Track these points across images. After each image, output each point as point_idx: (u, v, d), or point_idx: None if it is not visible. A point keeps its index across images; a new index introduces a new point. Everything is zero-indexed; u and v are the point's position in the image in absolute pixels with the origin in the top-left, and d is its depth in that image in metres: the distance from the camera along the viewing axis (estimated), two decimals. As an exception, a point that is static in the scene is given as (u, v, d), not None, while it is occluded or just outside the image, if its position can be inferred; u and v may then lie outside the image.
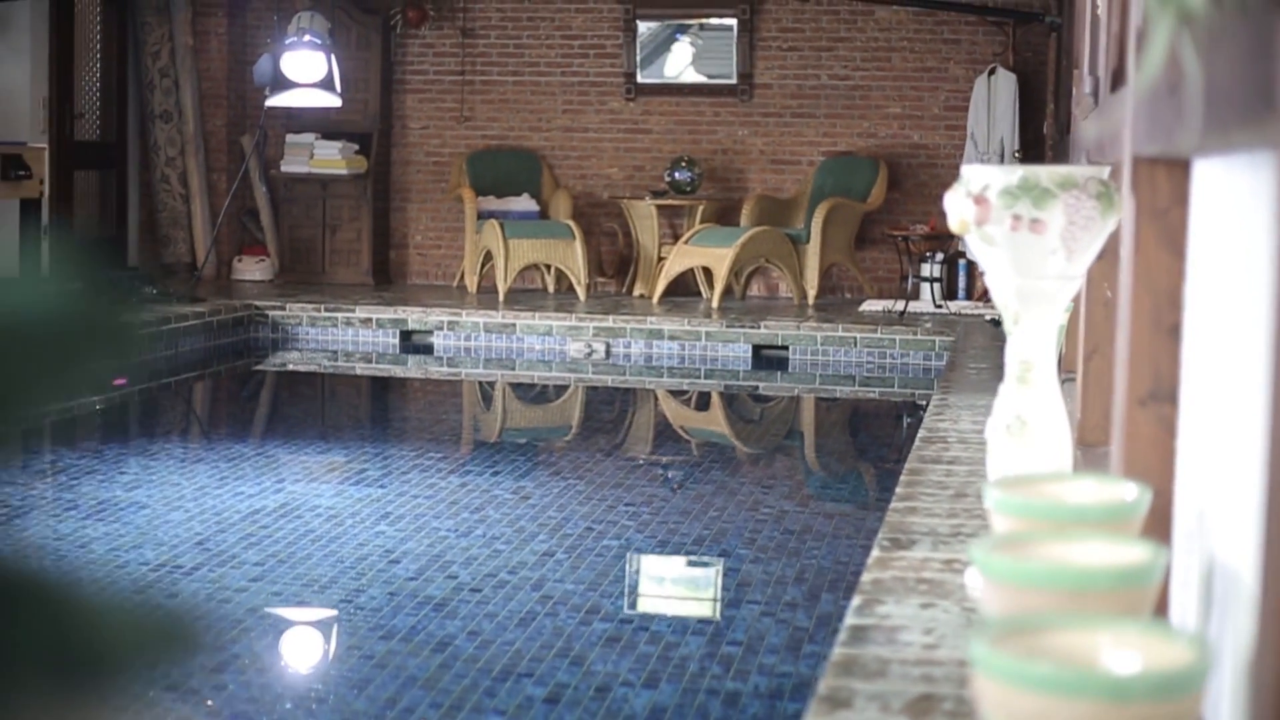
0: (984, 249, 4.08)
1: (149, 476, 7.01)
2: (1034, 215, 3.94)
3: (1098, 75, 4.73)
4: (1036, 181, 3.94)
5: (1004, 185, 3.96)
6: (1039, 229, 3.96)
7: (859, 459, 8.30)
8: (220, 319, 11.59)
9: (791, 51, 13.78)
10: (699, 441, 8.90)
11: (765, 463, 7.87)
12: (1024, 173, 3.95)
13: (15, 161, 11.49)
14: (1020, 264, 4.04)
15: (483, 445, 8.12)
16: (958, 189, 4.06)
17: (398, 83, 14.43)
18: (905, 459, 7.68)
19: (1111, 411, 5.56)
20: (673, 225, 13.66)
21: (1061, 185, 3.94)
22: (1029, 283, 4.07)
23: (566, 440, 8.47)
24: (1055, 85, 11.84)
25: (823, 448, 9.05)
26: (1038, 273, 4.04)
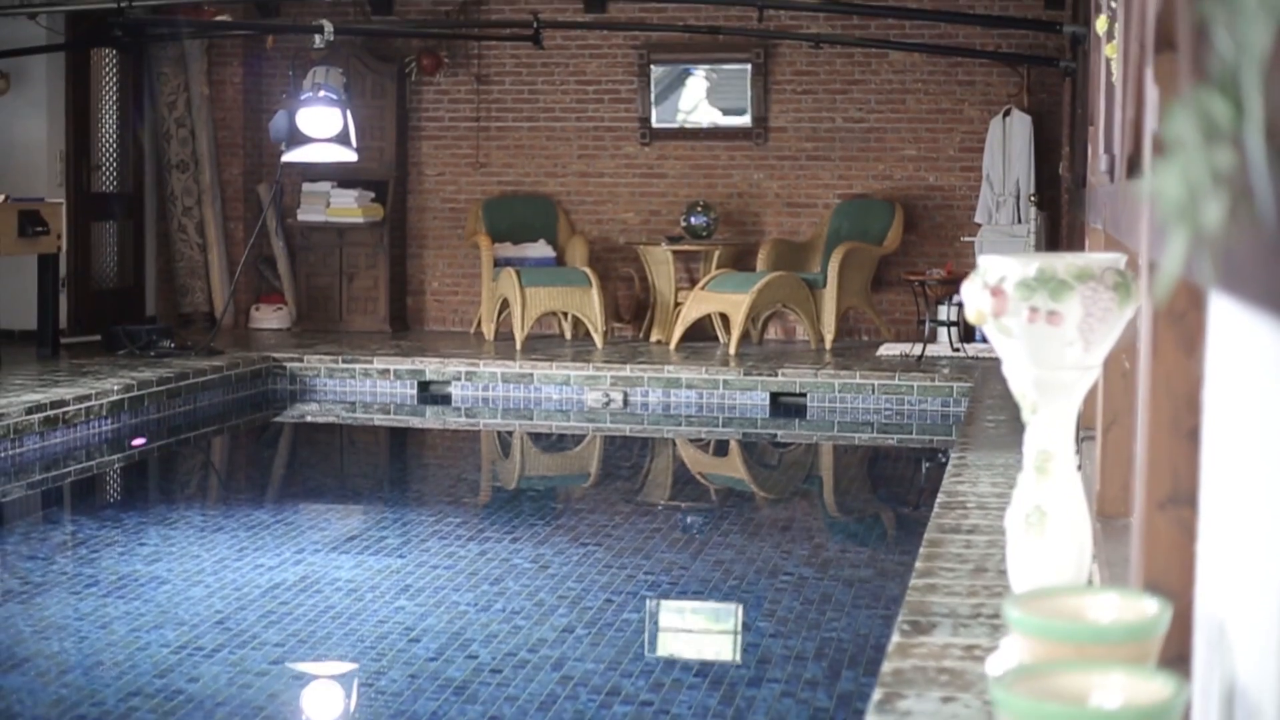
0: (1001, 340, 4.07)
1: (169, 548, 7.01)
2: (1051, 307, 3.93)
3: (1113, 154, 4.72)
4: (1053, 273, 3.93)
5: (1020, 277, 3.95)
6: (1056, 321, 3.95)
7: (878, 519, 8.28)
8: (238, 372, 11.60)
9: (806, 94, 13.80)
10: (717, 499, 8.89)
11: (783, 524, 7.85)
12: (1040, 264, 3.93)
13: (33, 217, 11.53)
14: (1037, 355, 4.02)
15: (501, 507, 8.11)
16: (974, 280, 4.05)
17: (413, 130, 14.46)
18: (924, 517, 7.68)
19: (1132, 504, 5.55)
20: (689, 269, 13.67)
21: (1078, 277, 3.92)
22: (1046, 374, 4.06)
23: (584, 500, 8.46)
24: (1070, 128, 11.83)
25: (841, 504, 9.04)
26: (1055, 364, 4.03)
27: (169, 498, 8.64)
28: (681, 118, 14.10)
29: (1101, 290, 3.93)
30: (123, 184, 14.26)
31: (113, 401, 10.03)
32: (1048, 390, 4.10)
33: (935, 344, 12.44)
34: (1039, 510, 4.12)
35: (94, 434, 9.81)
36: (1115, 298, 3.95)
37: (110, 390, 10.05)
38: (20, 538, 7.33)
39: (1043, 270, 3.94)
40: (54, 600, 6.14)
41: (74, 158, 13.36)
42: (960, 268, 12.94)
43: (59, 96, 13.23)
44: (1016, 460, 7.30)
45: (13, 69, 12.86)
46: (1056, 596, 3.20)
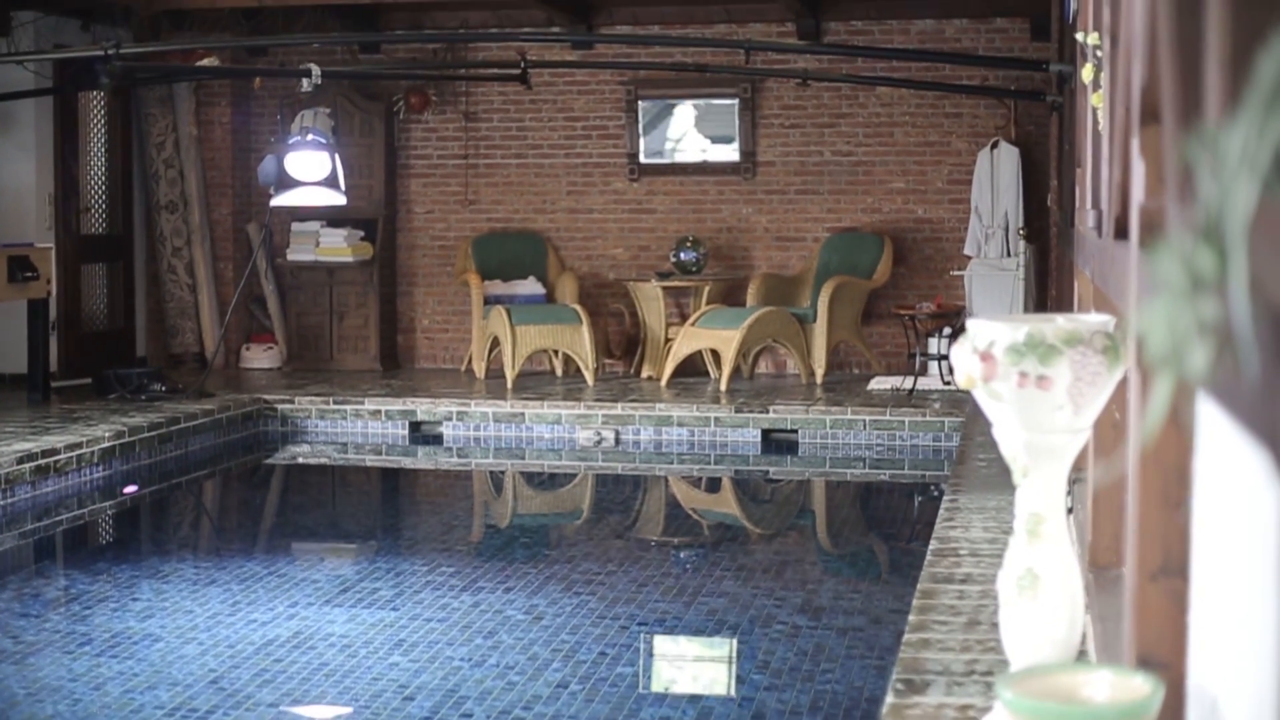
0: (991, 404, 4.07)
1: (162, 603, 7.00)
2: (1040, 372, 3.94)
3: (1100, 210, 4.73)
4: (1042, 338, 3.94)
5: (1010, 342, 3.96)
6: (1046, 385, 3.95)
7: (871, 561, 8.28)
8: (229, 415, 11.60)
9: (794, 128, 13.82)
10: (709, 543, 8.88)
11: (776, 568, 7.84)
12: (1029, 329, 3.94)
13: (22, 263, 11.53)
14: (1027, 420, 4.03)
15: (494, 554, 8.10)
16: (963, 344, 4.06)
17: (402, 168, 14.48)
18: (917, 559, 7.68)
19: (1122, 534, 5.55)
20: (679, 305, 13.69)
21: (1067, 342, 3.93)
22: (1037, 437, 4.06)
23: (577, 546, 8.45)
24: (1058, 161, 11.85)
25: (834, 547, 9.04)
26: (1045, 428, 4.04)
27: (161, 548, 8.63)
28: (670, 146, 14.12)
29: (1091, 354, 3.94)
30: (112, 225, 14.27)
31: (104, 449, 10.02)
32: (1038, 454, 4.10)
33: (926, 377, 12.45)
34: (1031, 574, 4.13)
35: (86, 482, 9.80)
36: (1105, 361, 3.96)
37: (102, 437, 10.04)
38: (13, 594, 7.32)
39: (1032, 335, 3.95)
40: (47, 660, 6.13)
41: (63, 200, 13.36)
42: (950, 300, 12.97)
43: (47, 139, 13.24)
44: (1008, 503, 7.31)
45: (0, 112, 12.86)
46: (1049, 675, 3.20)
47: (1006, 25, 13.46)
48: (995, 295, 12.76)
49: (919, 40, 13.57)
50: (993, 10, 13.36)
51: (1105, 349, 3.94)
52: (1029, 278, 12.72)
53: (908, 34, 13.59)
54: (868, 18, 13.59)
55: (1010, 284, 12.71)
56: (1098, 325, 3.98)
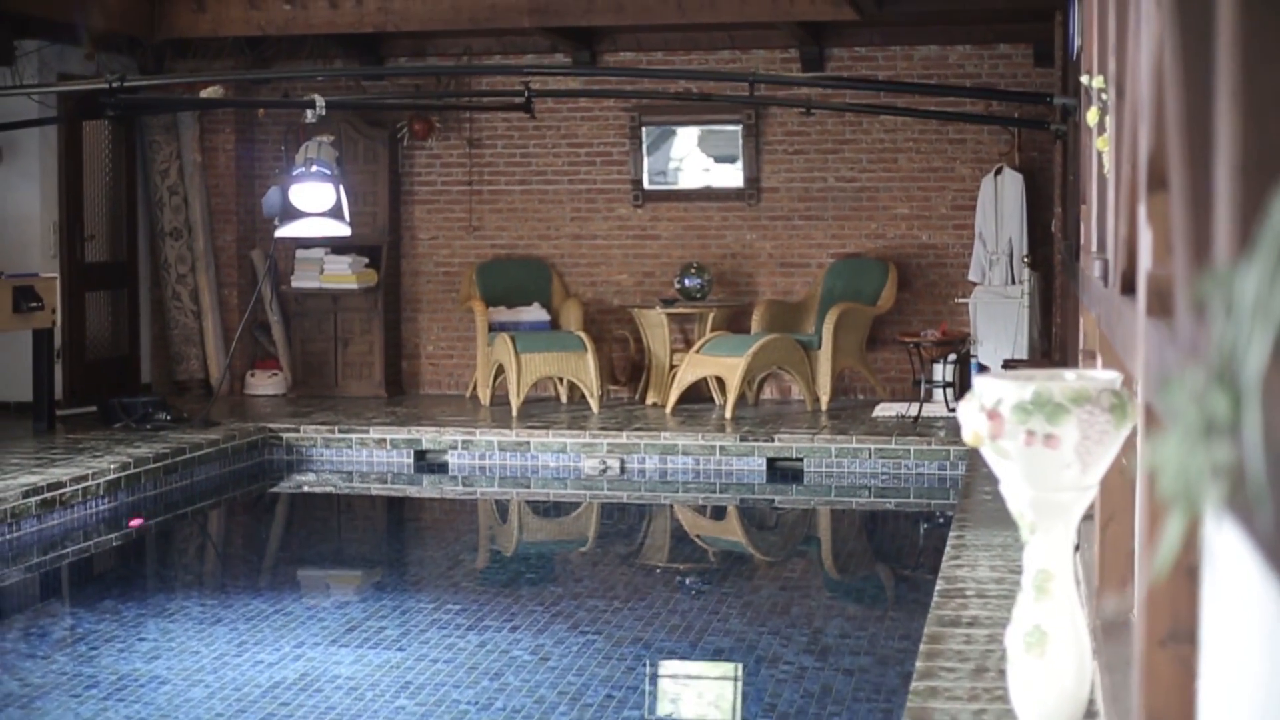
0: (998, 461, 4.08)
1: (168, 643, 7.00)
2: (1048, 431, 3.94)
3: (1107, 262, 4.73)
4: (1049, 397, 3.94)
5: (1017, 400, 3.96)
6: (1053, 444, 3.96)
7: (878, 597, 8.27)
8: (234, 444, 11.60)
9: (798, 154, 13.84)
10: (715, 577, 8.87)
11: (783, 606, 7.83)
12: (1037, 388, 3.95)
13: (27, 293, 11.54)
14: (1034, 478, 4.03)
15: (499, 591, 8.09)
16: (971, 402, 4.07)
17: (406, 194, 14.50)
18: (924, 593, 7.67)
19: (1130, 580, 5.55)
20: (684, 331, 13.69)
21: (1075, 400, 3.94)
22: (1044, 495, 4.07)
23: (582, 582, 8.43)
24: (1063, 188, 11.87)
25: (841, 582, 9.04)
26: (1053, 485, 4.04)
27: (167, 585, 8.62)
28: (674, 165, 14.13)
29: (1098, 413, 3.94)
30: (116, 253, 14.28)
31: (109, 481, 10.03)
32: (1045, 511, 4.11)
33: (931, 403, 12.45)
34: (1039, 631, 4.13)
35: (91, 514, 9.81)
36: (1112, 419, 3.96)
37: (107, 469, 10.05)
38: (19, 633, 7.32)
39: (1039, 394, 3.95)
40: (54, 704, 6.13)
41: (67, 228, 13.38)
42: (954, 327, 12.97)
43: (51, 168, 13.26)
44: (1014, 539, 7.30)
45: (4, 141, 12.88)
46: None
47: (1010, 51, 13.47)
48: (1000, 323, 12.77)
49: (922, 66, 13.58)
50: (996, 37, 13.37)
51: (1113, 407, 3.95)
52: (1034, 305, 12.72)
53: (911, 60, 13.60)
54: (871, 44, 13.60)
55: (1015, 312, 12.72)
56: (1105, 384, 3.99)
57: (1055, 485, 4.02)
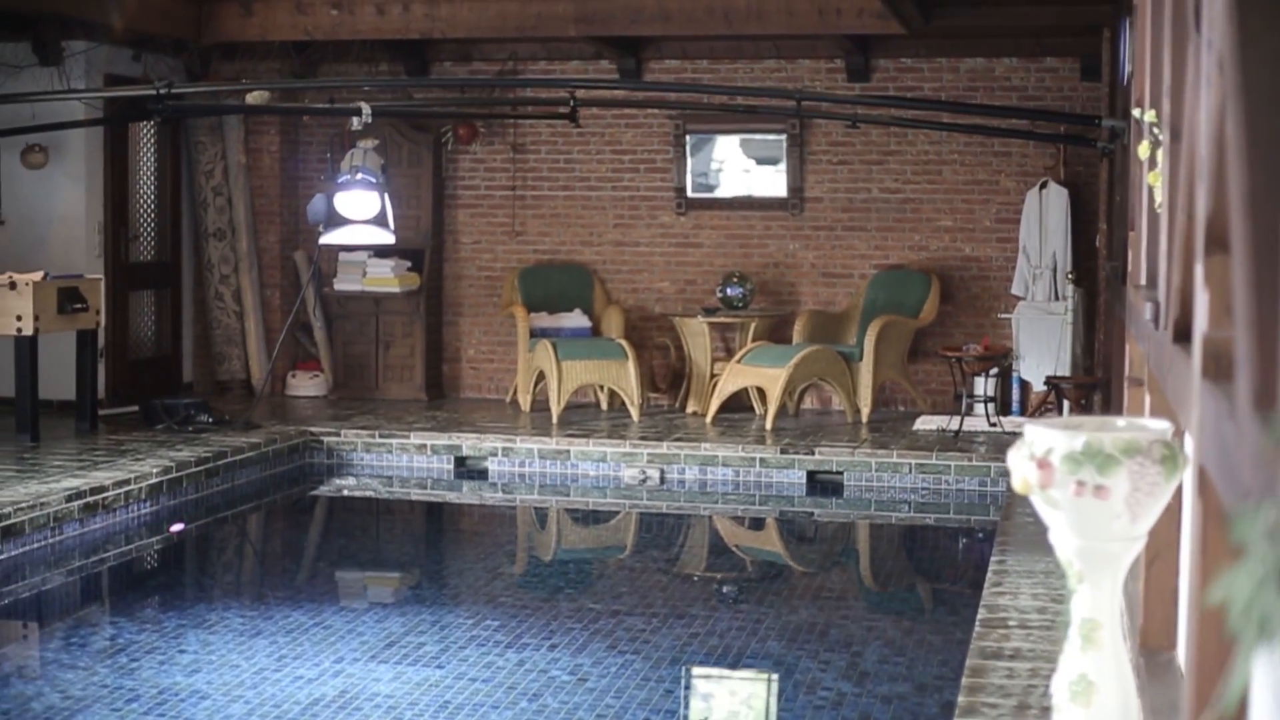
0: (1047, 510, 4.05)
1: (208, 656, 7.02)
2: (1098, 482, 3.91)
3: (1158, 303, 4.70)
4: (1100, 448, 3.91)
5: (1068, 450, 3.93)
6: (1103, 495, 3.93)
7: (917, 618, 8.23)
8: (276, 448, 11.63)
9: (842, 165, 13.80)
10: (754, 596, 8.85)
11: (822, 628, 7.81)
12: (1088, 439, 3.92)
13: (72, 294, 11.59)
14: (1083, 528, 4.01)
15: (538, 608, 8.08)
16: (1020, 450, 4.04)
17: (449, 198, 14.51)
18: (964, 617, 7.64)
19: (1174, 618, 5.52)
20: (725, 339, 13.68)
21: (1126, 452, 3.91)
22: (1093, 545, 4.04)
23: (621, 599, 8.41)
24: (1108, 206, 11.81)
25: (880, 602, 9.02)
26: (1102, 536, 4.01)
27: (207, 594, 8.65)
28: (715, 167, 14.12)
29: (1149, 465, 3.91)
30: (160, 253, 14.34)
31: (152, 484, 10.06)
32: (1093, 561, 4.08)
33: (972, 417, 12.41)
34: (1085, 680, 4.10)
35: (133, 518, 9.85)
36: (1162, 471, 3.93)
37: (149, 473, 10.08)
38: (61, 642, 7.35)
39: (1090, 444, 3.92)
40: (95, 718, 6.14)
41: (112, 228, 13.43)
42: (997, 340, 12.92)
43: (97, 168, 13.31)
44: (1056, 565, 7.28)
45: (51, 142, 12.94)
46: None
47: (1057, 65, 13.41)
48: (1043, 338, 12.72)
49: (968, 78, 13.53)
50: (1043, 50, 13.31)
51: (1164, 459, 3.91)
52: (1077, 322, 12.67)
53: (957, 72, 13.56)
54: (917, 55, 13.56)
55: (1058, 328, 12.66)
56: (1156, 435, 3.95)
57: (1104, 536, 3.99)
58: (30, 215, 13.19)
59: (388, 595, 8.56)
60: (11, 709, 6.23)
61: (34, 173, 13.11)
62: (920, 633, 7.78)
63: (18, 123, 12.33)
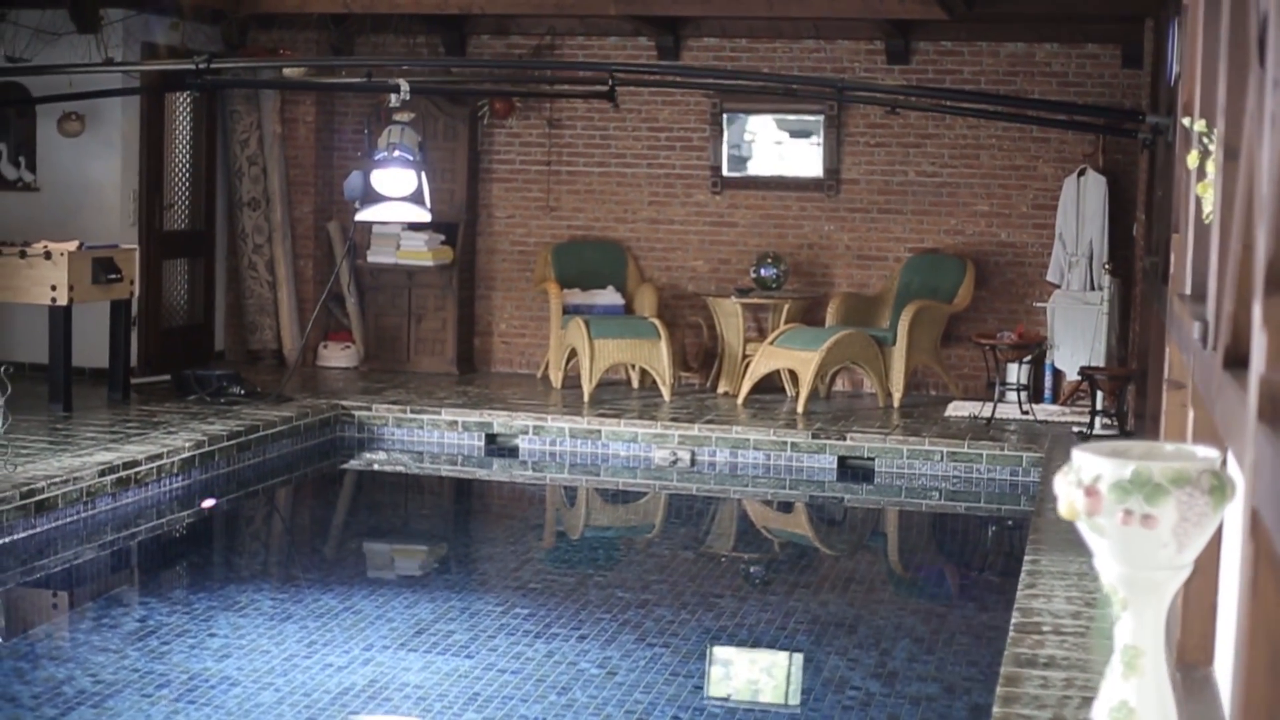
0: (1094, 537, 4.02)
1: (239, 640, 7.03)
2: (1146, 511, 3.88)
3: (1207, 323, 4.64)
4: (1149, 477, 3.87)
5: (1116, 479, 3.90)
6: (1151, 524, 3.89)
7: (947, 614, 8.19)
8: (307, 421, 11.62)
9: (879, 147, 13.73)
10: (784, 584, 8.81)
11: (851, 623, 7.78)
12: (1137, 467, 3.88)
13: (107, 264, 11.59)
14: (1129, 555, 3.97)
15: (568, 596, 8.06)
16: (1068, 475, 4.01)
17: (484, 172, 14.48)
18: (996, 617, 7.61)
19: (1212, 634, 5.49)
20: (758, 320, 13.64)
21: (1174, 482, 3.87)
22: (1138, 573, 4.00)
23: (651, 589, 8.36)
24: (1147, 196, 11.73)
25: (911, 596, 9.00)
26: (1148, 564, 3.98)
27: (237, 574, 8.64)
28: (749, 138, 14.05)
29: (1198, 495, 3.88)
30: (194, 221, 14.33)
31: (184, 459, 10.07)
32: (1138, 588, 4.04)
33: (1004, 404, 12.36)
34: (1126, 707, 4.07)
35: (165, 492, 9.86)
36: (1210, 501, 3.89)
37: (182, 447, 10.09)
38: (92, 623, 7.36)
39: (1138, 474, 3.88)
40: (125, 704, 6.15)
41: (147, 197, 13.42)
42: (1031, 328, 12.85)
43: (133, 136, 13.29)
44: (1089, 567, 7.23)
45: (88, 110, 12.93)
46: None
47: (1098, 51, 13.31)
48: (1078, 328, 12.65)
49: (1009, 63, 13.45)
50: (1084, 36, 13.21)
51: (1212, 489, 3.88)
52: (1112, 313, 12.60)
53: (997, 56, 13.47)
54: (957, 39, 13.47)
55: (1094, 318, 12.59)
56: (1205, 465, 3.91)
57: (1150, 564, 3.95)
58: (66, 183, 13.19)
59: (417, 578, 8.54)
60: (42, 692, 6.24)
61: (70, 140, 13.10)
62: (950, 630, 7.75)
63: (55, 90, 12.32)
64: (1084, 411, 12.11)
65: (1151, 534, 3.90)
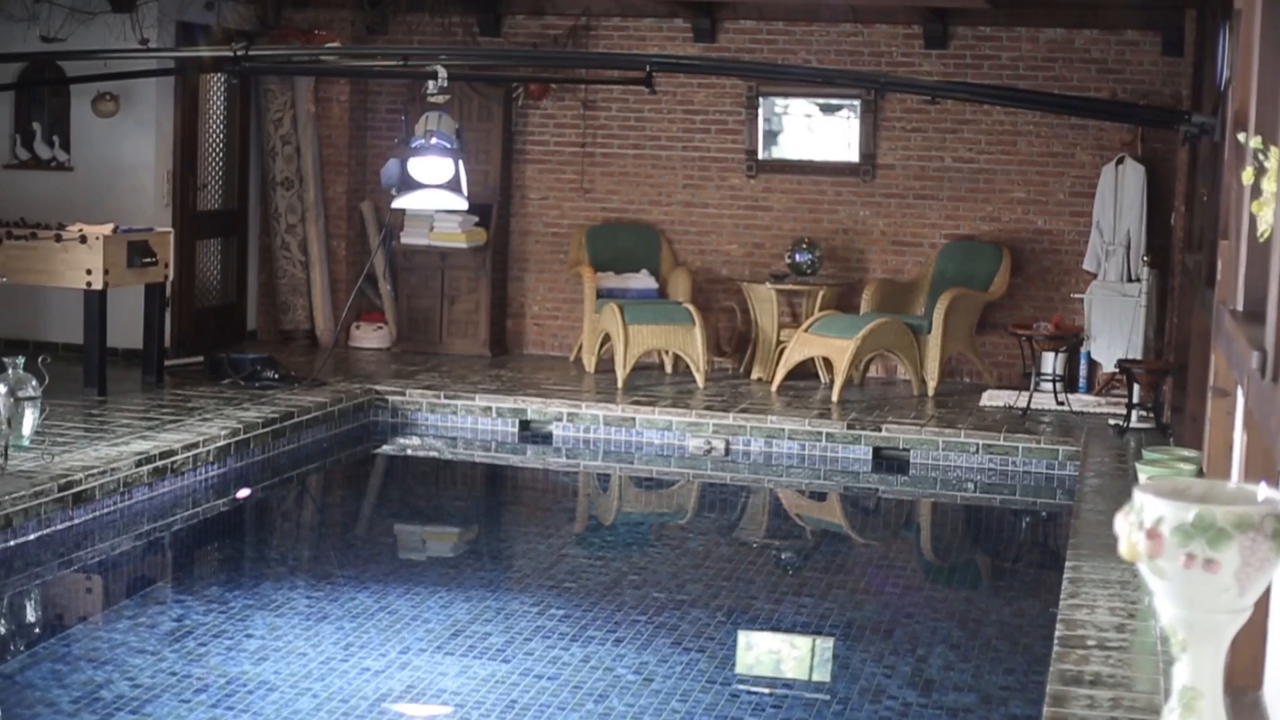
0: (1154, 579, 3.96)
1: (275, 642, 7.00)
2: (1209, 555, 3.82)
3: (1264, 351, 4.58)
4: (1212, 521, 3.81)
5: (1178, 522, 3.83)
6: (1213, 569, 3.83)
7: (983, 618, 8.12)
8: (341, 407, 11.60)
9: (915, 133, 13.65)
10: (820, 585, 8.77)
11: (886, 626, 7.73)
12: (1200, 511, 3.82)
13: (142, 248, 11.56)
14: (1190, 599, 3.91)
15: (603, 596, 8.02)
16: (1129, 516, 3.95)
17: (518, 153, 14.42)
18: (1034, 622, 7.56)
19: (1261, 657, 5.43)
20: (792, 305, 13.58)
21: (1238, 526, 3.81)
22: (1198, 616, 3.95)
23: (687, 588, 8.31)
24: (1187, 188, 11.63)
25: (947, 599, 8.97)
26: (1208, 608, 3.92)
27: (273, 570, 8.61)
28: (779, 111, 13.94)
29: (1261, 540, 3.82)
30: (227, 201, 14.30)
31: (219, 447, 10.05)
32: (1198, 631, 3.99)
33: (1040, 393, 12.29)
34: (1181, 751, 4.02)
35: (200, 481, 9.85)
36: (1274, 546, 3.83)
37: (217, 436, 10.07)
38: (129, 622, 7.33)
39: (1201, 518, 3.82)
40: (164, 709, 6.13)
41: (181, 177, 13.38)
42: (1067, 323, 12.76)
43: (168, 116, 13.26)
44: (1132, 575, 7.18)
45: (122, 90, 12.90)
46: None
47: (1138, 38, 13.19)
48: (1115, 320, 12.57)
49: (1047, 49, 13.34)
50: (1124, 22, 13.09)
51: (1275, 534, 3.82)
52: (1150, 304, 12.51)
53: (1036, 42, 13.36)
54: (996, 24, 13.36)
55: (1131, 310, 12.51)
56: (1268, 509, 3.85)
57: (1211, 607, 3.89)
58: (100, 163, 13.16)
59: (451, 575, 8.49)
60: (81, 697, 6.22)
61: (104, 121, 13.07)
62: (986, 635, 7.70)
63: (89, 70, 12.28)
64: (1119, 403, 12.04)
65: (1213, 578, 3.84)
